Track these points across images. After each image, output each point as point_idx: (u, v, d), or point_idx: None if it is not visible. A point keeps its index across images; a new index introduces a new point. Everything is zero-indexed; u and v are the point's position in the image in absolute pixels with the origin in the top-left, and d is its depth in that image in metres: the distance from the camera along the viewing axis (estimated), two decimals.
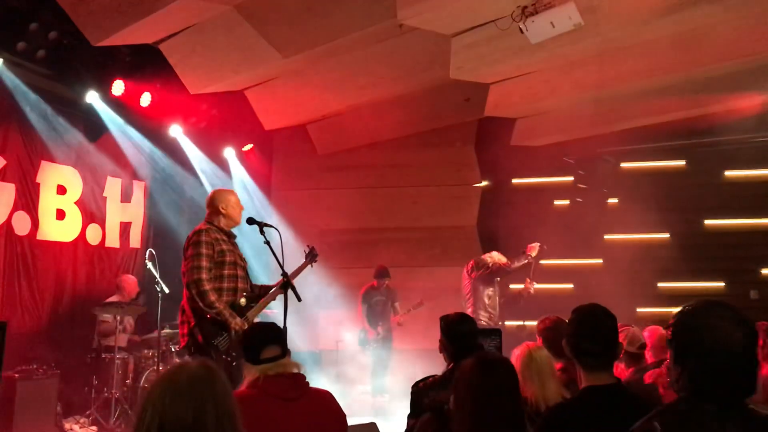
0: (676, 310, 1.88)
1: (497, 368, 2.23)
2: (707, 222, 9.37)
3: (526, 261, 7.81)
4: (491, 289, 7.78)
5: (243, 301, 4.90)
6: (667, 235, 9.44)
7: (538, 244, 7.93)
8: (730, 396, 1.72)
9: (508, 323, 8.59)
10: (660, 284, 9.23)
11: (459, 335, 3.44)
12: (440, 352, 3.59)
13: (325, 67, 7.81)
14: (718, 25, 6.67)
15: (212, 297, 4.68)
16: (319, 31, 6.75)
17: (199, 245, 4.80)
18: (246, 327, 4.72)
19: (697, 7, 6.19)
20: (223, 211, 5.03)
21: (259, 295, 5.03)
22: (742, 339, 1.73)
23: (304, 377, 2.87)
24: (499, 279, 7.90)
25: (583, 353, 2.55)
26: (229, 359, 4.72)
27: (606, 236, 9.68)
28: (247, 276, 5.08)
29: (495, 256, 7.87)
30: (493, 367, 2.22)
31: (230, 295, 4.85)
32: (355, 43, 7.10)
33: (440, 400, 2.75)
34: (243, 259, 5.09)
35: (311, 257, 5.44)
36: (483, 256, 8.00)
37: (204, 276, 4.71)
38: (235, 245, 5.07)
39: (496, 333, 3.13)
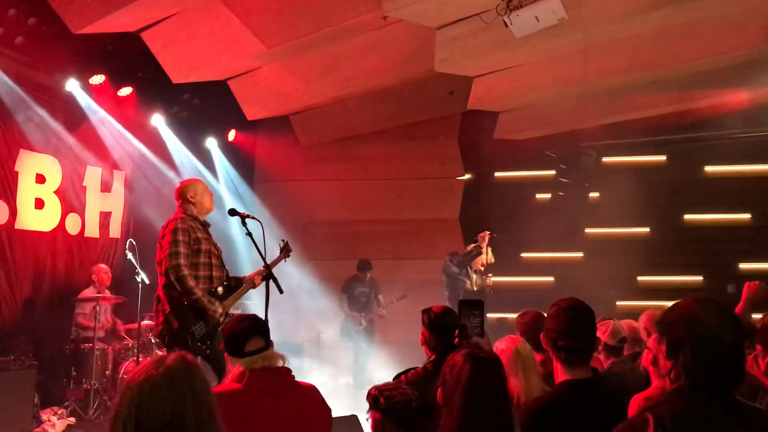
0: (655, 303, 1.94)
1: (488, 365, 2.23)
2: (687, 217, 9.48)
3: (475, 251, 7.86)
4: (465, 279, 7.78)
5: (220, 289, 4.92)
6: (647, 230, 9.54)
7: (488, 232, 7.99)
8: (722, 387, 1.80)
9: (489, 315, 8.63)
10: (640, 278, 9.33)
11: (444, 328, 3.43)
12: (422, 345, 3.58)
13: (309, 58, 7.77)
14: (703, 21, 6.71)
15: (191, 282, 4.70)
16: (303, 21, 6.70)
17: (176, 232, 4.80)
18: (224, 315, 4.78)
19: (681, 3, 6.23)
20: (192, 199, 5.05)
21: (234, 286, 5.05)
22: (733, 332, 1.81)
23: (289, 371, 2.85)
24: (469, 270, 7.92)
25: (563, 349, 2.56)
26: (203, 347, 4.75)
27: (587, 230, 9.76)
28: (222, 265, 5.08)
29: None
30: (483, 364, 2.22)
31: (206, 283, 4.86)
32: (340, 34, 7.06)
33: (398, 400, 2.72)
34: (217, 248, 5.11)
35: (285, 251, 5.44)
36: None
37: (182, 261, 4.72)
38: (209, 234, 5.08)
39: (478, 306, 2.90)
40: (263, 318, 4.54)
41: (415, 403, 2.69)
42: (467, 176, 10.27)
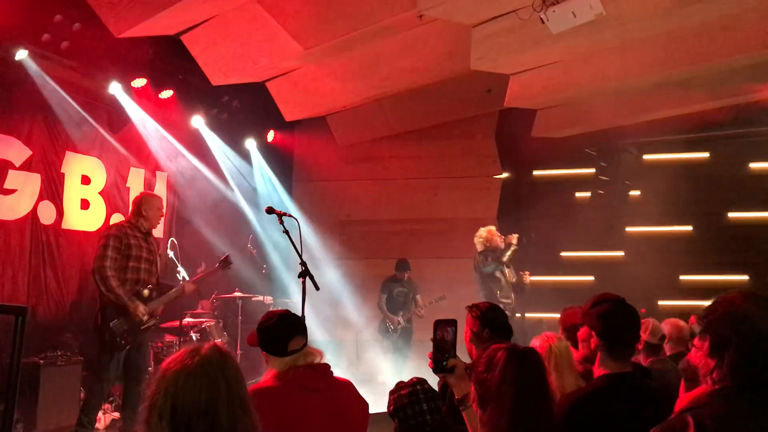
0: (698, 303, 1.88)
1: (530, 358, 2.22)
2: (731, 215, 9.26)
3: (508, 250, 7.68)
4: (500, 278, 7.60)
5: (146, 292, 5.54)
6: (689, 228, 9.35)
7: (517, 235, 7.82)
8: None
9: (528, 315, 8.57)
10: (682, 277, 9.15)
11: (499, 324, 3.38)
12: (469, 342, 3.52)
13: (345, 58, 7.81)
14: (746, 13, 6.54)
15: (113, 282, 5.28)
16: (340, 22, 6.75)
17: (107, 238, 5.45)
18: (147, 315, 5.36)
19: None
20: (144, 213, 5.70)
21: (165, 290, 5.74)
22: None
23: (328, 367, 2.88)
24: (505, 267, 7.74)
25: (616, 341, 2.55)
26: (122, 342, 5.31)
27: (628, 228, 9.61)
28: (153, 270, 5.69)
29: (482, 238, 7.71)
30: (526, 358, 2.21)
31: (132, 285, 5.46)
32: (376, 34, 7.09)
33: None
34: (152, 254, 5.70)
35: (224, 264, 6.21)
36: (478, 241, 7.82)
37: (107, 263, 5.31)
38: (149, 243, 5.71)
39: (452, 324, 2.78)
40: (301, 313, 4.64)
41: (430, 427, 2.68)
42: (505, 175, 10.21)
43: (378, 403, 3.64)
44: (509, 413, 2.11)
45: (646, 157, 9.77)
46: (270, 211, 4.97)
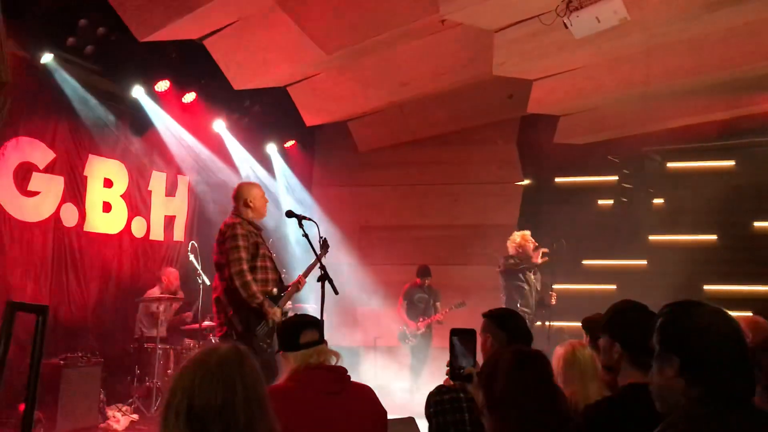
0: None
1: (533, 359, 2.18)
2: (757, 224, 9.09)
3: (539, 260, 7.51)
4: (523, 285, 7.40)
5: (275, 291, 5.13)
6: (714, 237, 9.20)
7: (545, 249, 7.63)
8: (742, 396, 1.71)
9: (549, 323, 8.46)
10: (706, 287, 8.98)
11: (518, 330, 3.30)
12: (486, 350, 3.45)
13: (367, 63, 7.81)
14: None
15: (254, 288, 4.92)
16: (361, 26, 6.74)
17: (236, 238, 5.00)
18: (279, 315, 5.01)
19: (749, 1, 6.00)
20: (250, 204, 5.23)
21: (285, 286, 5.30)
22: (743, 338, 1.76)
23: (345, 370, 2.83)
24: (532, 273, 7.60)
25: (640, 350, 2.48)
26: (264, 345, 4.97)
27: (651, 237, 9.48)
28: (275, 267, 5.29)
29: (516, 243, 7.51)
30: (529, 358, 2.16)
31: (263, 286, 5.06)
32: (397, 39, 7.08)
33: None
34: (270, 251, 5.32)
35: (325, 247, 5.41)
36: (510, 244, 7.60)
37: (245, 267, 4.95)
38: (263, 238, 5.29)
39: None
40: (320, 318, 4.62)
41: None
42: (526, 181, 10.13)
43: (395, 410, 3.61)
44: (516, 418, 2.07)
45: (670, 164, 9.63)
46: (290, 214, 4.98)
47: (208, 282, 7.15)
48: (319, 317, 4.57)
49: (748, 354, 1.75)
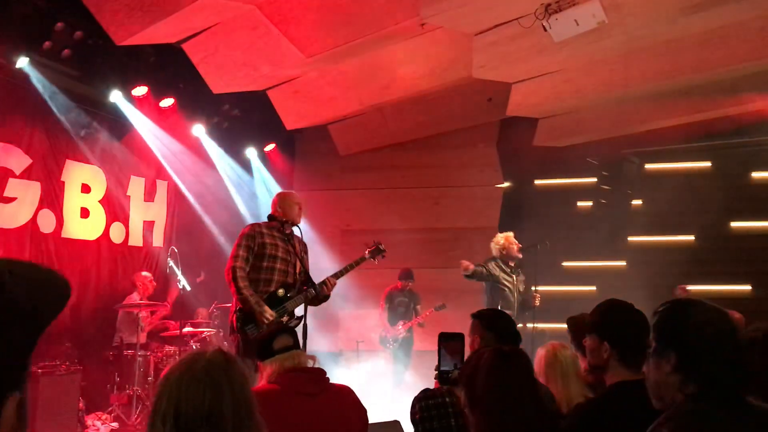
0: None
1: (513, 358, 2.18)
2: (733, 224, 9.22)
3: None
4: (504, 287, 7.36)
5: (281, 291, 5.08)
6: (692, 238, 9.31)
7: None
8: (736, 392, 1.73)
9: (530, 325, 8.49)
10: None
11: (506, 331, 3.30)
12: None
13: (347, 66, 7.80)
14: (748, 22, 6.55)
15: (241, 283, 4.93)
16: (342, 30, 6.74)
17: (240, 237, 5.13)
18: (274, 317, 4.88)
19: (725, 5, 6.09)
20: (280, 210, 5.28)
21: (306, 290, 5.14)
22: (738, 334, 1.78)
23: (324, 372, 2.85)
24: (515, 276, 7.58)
25: (628, 348, 2.49)
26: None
27: (630, 238, 9.57)
28: (289, 271, 5.20)
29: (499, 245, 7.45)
30: (508, 356, 2.17)
31: (265, 286, 5.05)
32: (378, 42, 7.08)
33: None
34: (290, 254, 5.20)
35: (375, 252, 5.95)
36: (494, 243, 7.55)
37: (238, 264, 4.98)
38: (288, 242, 5.21)
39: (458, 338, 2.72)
40: (303, 324, 4.64)
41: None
42: (507, 184, 10.18)
43: (378, 413, 3.60)
44: (497, 415, 2.07)
45: (648, 166, 9.73)
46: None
47: (188, 288, 7.09)
48: (302, 322, 4.62)
49: (743, 351, 1.77)
